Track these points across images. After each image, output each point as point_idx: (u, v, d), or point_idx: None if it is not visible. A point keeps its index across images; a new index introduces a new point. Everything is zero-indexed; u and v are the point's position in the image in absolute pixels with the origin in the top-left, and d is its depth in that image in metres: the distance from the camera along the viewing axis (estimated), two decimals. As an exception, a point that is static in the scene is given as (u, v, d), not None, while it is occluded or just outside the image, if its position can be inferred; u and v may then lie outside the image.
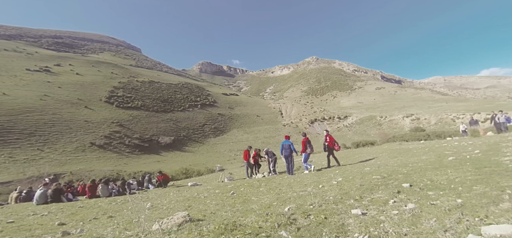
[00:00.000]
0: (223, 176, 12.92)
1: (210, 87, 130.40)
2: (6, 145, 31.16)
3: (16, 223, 4.74)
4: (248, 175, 11.07)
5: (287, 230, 1.95)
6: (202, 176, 20.71)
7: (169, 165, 32.21)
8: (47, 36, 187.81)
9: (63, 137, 38.51)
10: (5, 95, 46.23)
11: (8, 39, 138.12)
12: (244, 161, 11.49)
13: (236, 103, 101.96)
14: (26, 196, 10.10)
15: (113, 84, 78.63)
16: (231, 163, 33.95)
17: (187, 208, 4.40)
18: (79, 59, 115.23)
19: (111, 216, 4.74)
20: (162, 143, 49.58)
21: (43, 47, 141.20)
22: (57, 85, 64.67)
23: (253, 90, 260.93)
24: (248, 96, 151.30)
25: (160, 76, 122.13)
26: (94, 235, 3.01)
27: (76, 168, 28.24)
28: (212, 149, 52.22)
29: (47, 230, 3.87)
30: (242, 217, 2.68)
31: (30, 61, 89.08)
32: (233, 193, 5.45)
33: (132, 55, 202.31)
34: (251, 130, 69.48)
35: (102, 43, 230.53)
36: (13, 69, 71.89)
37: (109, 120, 51.11)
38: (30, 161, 28.71)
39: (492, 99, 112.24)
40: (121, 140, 43.99)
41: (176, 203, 5.44)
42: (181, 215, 2.66)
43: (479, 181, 2.99)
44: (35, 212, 6.25)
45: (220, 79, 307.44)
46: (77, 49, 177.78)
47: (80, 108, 53.18)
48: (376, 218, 2.03)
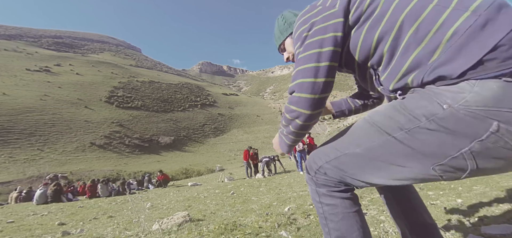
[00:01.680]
0: (223, 176, 12.94)
1: (210, 87, 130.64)
2: (6, 145, 31.18)
3: (16, 223, 4.75)
4: (248, 175, 11.09)
5: (287, 230, 1.95)
6: (202, 176, 20.73)
7: (169, 165, 32.24)
8: (47, 36, 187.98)
9: (63, 137, 38.53)
10: (5, 95, 46.26)
11: (8, 39, 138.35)
12: (244, 161, 11.51)
13: (236, 103, 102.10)
14: (26, 196, 10.11)
15: (113, 84, 78.70)
16: (231, 163, 33.98)
17: (187, 208, 4.41)
18: (79, 59, 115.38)
19: (111, 216, 4.74)
20: (162, 143, 49.62)
21: (43, 47, 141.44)
22: (57, 85, 64.72)
23: (253, 90, 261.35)
24: (248, 96, 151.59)
25: (160, 76, 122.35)
26: (94, 235, 3.01)
27: (76, 168, 28.25)
28: (212, 149, 52.27)
29: (47, 230, 3.87)
30: (242, 217, 2.69)
31: (30, 61, 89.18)
32: (233, 193, 5.45)
33: (132, 55, 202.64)
34: (251, 130, 69.52)
35: (102, 43, 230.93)
36: (13, 69, 71.96)
37: (109, 120, 51.15)
38: (30, 161, 28.71)
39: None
40: (121, 140, 44.02)
41: (176, 203, 5.45)
42: (181, 215, 2.66)
43: (479, 181, 2.99)
44: (35, 212, 6.25)
45: (220, 79, 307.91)
46: (77, 49, 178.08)
47: (80, 108, 53.22)
48: (376, 218, 2.03)
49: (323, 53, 0.71)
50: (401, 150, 0.63)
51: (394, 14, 0.65)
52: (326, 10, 0.76)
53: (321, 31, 0.73)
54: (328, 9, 0.76)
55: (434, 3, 0.59)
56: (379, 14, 0.68)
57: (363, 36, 0.72)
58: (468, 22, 0.53)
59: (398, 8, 0.65)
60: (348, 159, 0.73)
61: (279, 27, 1.06)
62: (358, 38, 0.73)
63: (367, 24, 0.71)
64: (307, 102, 0.73)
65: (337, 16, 0.73)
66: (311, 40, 0.74)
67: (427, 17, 0.59)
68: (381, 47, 0.68)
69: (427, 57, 0.59)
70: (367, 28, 0.70)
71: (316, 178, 0.82)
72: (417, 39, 0.60)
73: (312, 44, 0.74)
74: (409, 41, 0.62)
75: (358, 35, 0.73)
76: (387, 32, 0.66)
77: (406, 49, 0.63)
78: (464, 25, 0.54)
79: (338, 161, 0.76)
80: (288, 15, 1.04)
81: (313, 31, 0.75)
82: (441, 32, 0.57)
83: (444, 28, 0.56)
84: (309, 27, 0.76)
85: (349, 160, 0.73)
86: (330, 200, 0.79)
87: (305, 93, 0.72)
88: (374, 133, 0.67)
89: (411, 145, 0.61)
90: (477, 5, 0.54)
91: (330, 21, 0.74)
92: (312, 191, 0.84)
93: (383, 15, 0.67)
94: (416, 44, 0.61)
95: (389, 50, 0.67)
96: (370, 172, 0.70)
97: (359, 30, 0.73)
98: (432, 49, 0.58)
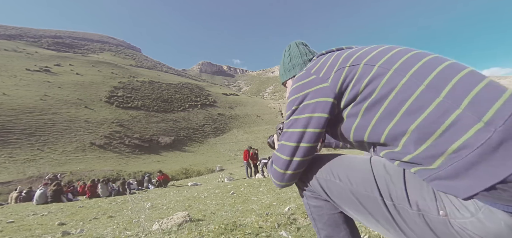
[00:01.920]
0: (223, 176, 12.93)
1: (210, 87, 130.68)
2: (6, 145, 31.17)
3: (16, 223, 4.75)
4: (248, 175, 11.09)
5: (287, 230, 1.94)
6: (202, 176, 20.72)
7: (169, 165, 32.22)
8: (47, 36, 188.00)
9: (63, 137, 38.52)
10: (5, 95, 46.26)
11: (8, 39, 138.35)
12: (244, 161, 11.51)
13: (236, 103, 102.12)
14: (26, 196, 10.10)
15: (113, 84, 78.69)
16: (231, 163, 33.97)
17: (187, 208, 4.40)
18: (79, 59, 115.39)
19: (111, 216, 4.74)
20: (162, 143, 49.62)
21: (43, 47, 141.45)
22: (57, 85, 64.72)
23: (253, 90, 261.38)
24: (248, 96, 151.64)
25: (160, 76, 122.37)
26: (94, 235, 3.01)
27: (76, 168, 28.24)
28: (212, 149, 52.27)
29: (47, 230, 3.87)
30: (242, 217, 2.69)
31: (30, 61, 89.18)
32: (233, 193, 5.45)
33: (132, 55, 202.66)
34: (251, 130, 69.52)
35: (102, 43, 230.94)
36: (13, 69, 71.95)
37: (109, 120, 51.15)
38: (30, 161, 28.70)
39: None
40: (121, 140, 44.02)
41: (176, 203, 5.45)
42: (181, 215, 2.66)
43: None
44: (35, 212, 6.25)
45: (220, 79, 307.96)
46: (77, 49, 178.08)
47: (80, 108, 53.22)
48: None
49: (306, 134, 0.73)
50: (385, 214, 0.63)
51: (393, 101, 0.59)
52: (319, 82, 0.73)
53: (309, 108, 0.73)
54: (321, 81, 0.73)
55: (441, 97, 0.52)
56: (377, 99, 0.62)
57: (358, 121, 0.68)
58: (481, 137, 0.46)
59: (399, 98, 0.58)
60: (337, 188, 0.74)
61: (284, 65, 1.06)
62: (352, 122, 0.70)
63: (363, 107, 0.66)
64: (279, 176, 0.79)
65: (327, 94, 0.71)
66: (298, 117, 0.75)
67: (430, 116, 0.53)
68: (377, 134, 0.64)
69: (427, 161, 0.53)
70: (362, 112, 0.66)
71: (303, 185, 0.85)
72: (418, 139, 0.54)
73: (297, 122, 0.75)
74: (411, 138, 0.55)
75: (352, 120, 0.70)
76: (385, 120, 0.61)
77: (406, 147, 0.57)
78: (475, 139, 0.46)
79: (327, 183, 0.77)
80: (294, 53, 1.03)
81: (301, 107, 0.75)
82: (446, 139, 0.50)
83: (450, 135, 0.49)
84: (299, 100, 0.75)
85: (337, 189, 0.74)
86: (316, 202, 0.83)
87: (280, 168, 0.78)
88: (369, 184, 0.66)
89: (395, 218, 0.61)
90: (492, 116, 0.46)
91: (319, 98, 0.72)
92: (300, 193, 0.89)
93: (381, 102, 0.61)
94: (416, 144, 0.55)
95: (387, 139, 0.61)
96: (350, 208, 0.73)
97: (353, 114, 0.69)
98: (432, 155, 0.52)
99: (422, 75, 0.57)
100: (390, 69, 0.62)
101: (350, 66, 0.69)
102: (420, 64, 0.59)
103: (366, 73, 0.65)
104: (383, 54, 0.66)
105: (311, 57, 1.00)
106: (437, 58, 0.60)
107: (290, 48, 1.06)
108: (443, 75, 0.55)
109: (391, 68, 0.62)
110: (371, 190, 0.65)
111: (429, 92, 0.54)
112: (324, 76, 0.73)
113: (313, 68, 0.79)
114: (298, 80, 0.80)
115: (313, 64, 0.82)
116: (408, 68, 0.60)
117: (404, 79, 0.59)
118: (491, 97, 0.48)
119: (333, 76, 0.71)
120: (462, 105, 0.49)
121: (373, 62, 0.66)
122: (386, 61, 0.64)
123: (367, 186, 0.66)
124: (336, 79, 0.70)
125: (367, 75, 0.65)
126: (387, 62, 0.64)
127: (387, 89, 0.61)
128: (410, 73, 0.58)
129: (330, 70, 0.73)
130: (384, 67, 0.63)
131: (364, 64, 0.67)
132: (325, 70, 0.74)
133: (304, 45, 1.06)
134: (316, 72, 0.76)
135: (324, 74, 0.73)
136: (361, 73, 0.66)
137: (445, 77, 0.54)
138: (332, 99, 0.70)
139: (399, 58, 0.63)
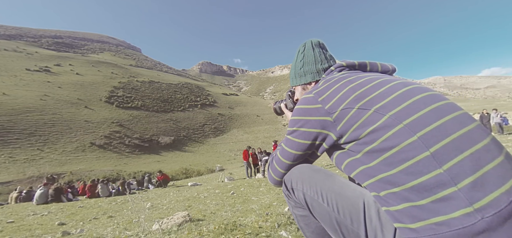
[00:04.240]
0: (223, 176, 12.93)
1: (210, 87, 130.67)
2: (6, 145, 31.16)
3: (16, 223, 4.75)
4: (248, 175, 11.09)
5: (287, 230, 1.94)
6: (202, 176, 20.72)
7: (169, 165, 32.22)
8: (47, 36, 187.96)
9: (63, 137, 38.51)
10: (5, 95, 46.25)
11: (8, 39, 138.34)
12: (244, 161, 11.50)
13: (236, 103, 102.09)
14: (26, 196, 10.09)
15: (113, 84, 78.65)
16: (231, 163, 33.98)
17: (187, 208, 4.40)
18: (79, 59, 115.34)
19: (111, 216, 4.75)
20: (162, 143, 49.60)
21: (43, 47, 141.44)
22: (57, 85, 64.71)
23: (253, 90, 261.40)
24: (248, 96, 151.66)
25: (160, 76, 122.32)
26: (94, 235, 3.01)
27: (76, 168, 28.24)
28: (212, 149, 52.24)
29: (47, 230, 3.87)
30: (242, 217, 2.69)
31: (30, 61, 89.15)
32: (233, 193, 5.44)
33: (132, 55, 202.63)
34: (251, 130, 69.48)
35: (102, 43, 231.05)
36: (13, 69, 71.94)
37: (109, 120, 51.13)
38: (30, 161, 28.69)
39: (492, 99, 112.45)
40: (121, 140, 43.99)
41: (176, 203, 5.44)
42: (181, 215, 2.66)
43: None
44: (35, 212, 6.25)
45: (220, 79, 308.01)
46: (77, 49, 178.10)
47: (80, 108, 53.19)
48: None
49: (298, 155, 0.83)
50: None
51: (396, 156, 0.59)
52: (323, 114, 0.73)
53: (308, 135, 0.78)
54: (326, 114, 0.72)
55: (443, 169, 0.52)
56: (380, 148, 0.61)
57: (352, 159, 0.70)
58: (465, 221, 0.46)
59: (402, 156, 0.57)
60: (321, 210, 0.75)
61: (296, 68, 1.02)
62: (346, 157, 0.72)
63: (363, 149, 0.66)
64: (272, 179, 0.93)
65: (328, 127, 0.72)
66: (296, 139, 0.81)
67: (426, 182, 0.53)
68: (368, 176, 0.66)
69: (408, 219, 0.55)
70: (362, 154, 0.66)
71: (289, 194, 0.86)
72: (404, 198, 0.56)
73: (294, 143, 0.82)
74: (399, 194, 0.57)
75: (347, 154, 0.72)
76: (383, 167, 0.61)
77: (390, 199, 0.59)
78: (458, 222, 0.47)
79: (312, 202, 0.77)
80: (309, 58, 0.98)
81: (301, 131, 0.79)
82: (432, 208, 0.51)
83: (438, 207, 0.50)
84: (302, 123, 0.78)
85: (321, 211, 0.75)
86: (302, 212, 0.84)
87: (275, 175, 0.92)
88: (357, 223, 0.67)
89: None
90: (485, 204, 0.46)
91: (320, 129, 0.74)
92: (286, 201, 0.90)
93: (383, 151, 0.61)
94: (402, 201, 0.56)
95: (375, 182, 0.64)
96: (329, 230, 0.75)
97: (350, 150, 0.70)
98: (415, 215, 0.54)
99: (432, 138, 0.55)
100: (401, 123, 0.60)
101: (358, 109, 0.66)
102: (435, 125, 0.57)
103: (374, 120, 0.63)
104: (397, 103, 0.63)
105: (327, 66, 0.95)
106: (452, 106, 0.60)
107: (304, 50, 1.00)
108: (455, 144, 0.53)
109: (402, 122, 0.60)
110: (358, 227, 0.66)
111: (433, 161, 0.53)
112: (330, 109, 0.72)
113: (321, 94, 0.76)
114: (305, 102, 0.80)
115: (323, 87, 0.79)
116: (419, 127, 0.58)
117: (412, 139, 0.57)
118: (497, 181, 0.47)
119: (339, 114, 0.70)
120: (460, 184, 0.49)
121: (384, 111, 0.63)
122: (399, 112, 0.61)
123: (355, 223, 0.67)
124: (341, 117, 0.69)
125: (374, 123, 0.63)
126: (401, 113, 0.61)
127: (393, 142, 0.59)
128: (419, 135, 0.57)
129: (337, 105, 0.71)
130: (395, 118, 0.61)
131: (374, 111, 0.64)
132: (332, 104, 0.72)
133: (321, 47, 0.99)
134: (323, 101, 0.74)
135: (330, 107, 0.72)
136: (368, 119, 0.64)
137: (456, 146, 0.53)
138: (332, 134, 0.72)
139: (415, 112, 0.60)
